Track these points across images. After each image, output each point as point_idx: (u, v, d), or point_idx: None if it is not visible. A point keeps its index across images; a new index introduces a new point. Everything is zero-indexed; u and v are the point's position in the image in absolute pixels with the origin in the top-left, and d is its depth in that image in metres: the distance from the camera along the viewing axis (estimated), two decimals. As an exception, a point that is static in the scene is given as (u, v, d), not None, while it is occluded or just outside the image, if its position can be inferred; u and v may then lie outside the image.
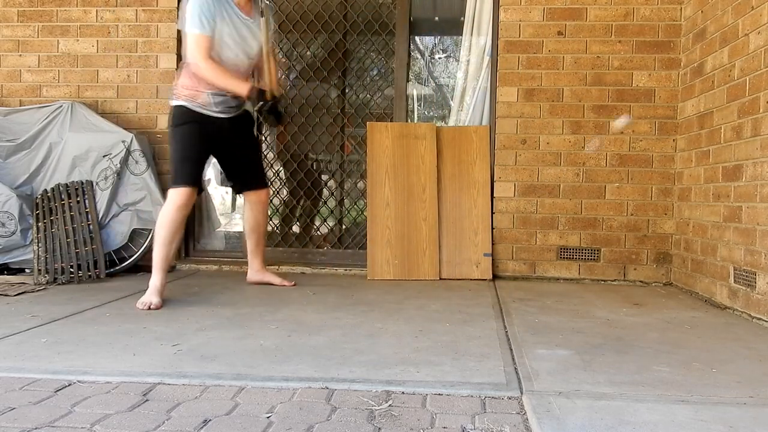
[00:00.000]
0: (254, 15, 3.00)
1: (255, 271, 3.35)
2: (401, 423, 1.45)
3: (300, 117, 4.15)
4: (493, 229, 3.76)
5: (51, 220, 3.46)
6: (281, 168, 4.19)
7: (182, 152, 2.92)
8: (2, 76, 4.07)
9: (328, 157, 4.17)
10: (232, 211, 4.95)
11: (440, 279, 3.63)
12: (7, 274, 3.55)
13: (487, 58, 3.93)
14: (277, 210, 4.17)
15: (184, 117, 2.92)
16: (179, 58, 3.99)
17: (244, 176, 3.21)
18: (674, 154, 3.68)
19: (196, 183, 2.94)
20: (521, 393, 1.67)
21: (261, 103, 2.89)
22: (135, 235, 3.68)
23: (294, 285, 3.32)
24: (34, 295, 3.03)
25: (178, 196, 2.85)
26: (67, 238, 3.44)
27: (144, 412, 1.50)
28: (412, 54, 4.21)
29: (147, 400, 1.58)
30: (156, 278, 2.82)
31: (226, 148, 3.08)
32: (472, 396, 1.64)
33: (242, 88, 2.88)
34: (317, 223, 4.15)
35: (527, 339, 2.27)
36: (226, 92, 2.93)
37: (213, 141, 3.00)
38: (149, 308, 2.68)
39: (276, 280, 3.33)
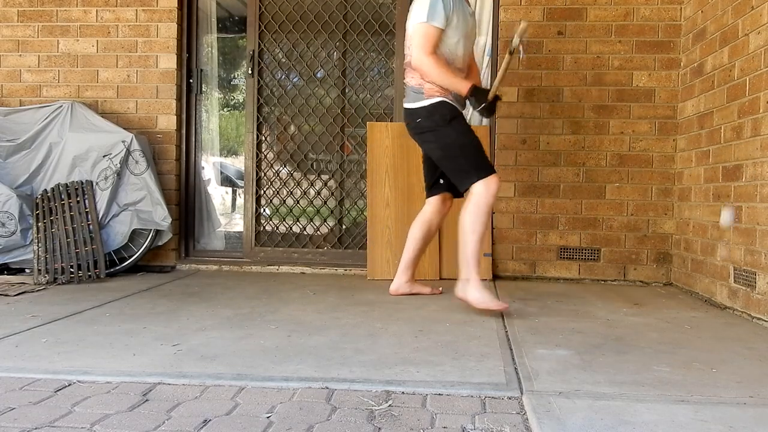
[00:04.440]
0: (472, 7, 2.86)
1: (405, 281, 3.09)
2: (401, 423, 1.45)
3: (300, 117, 4.15)
4: (493, 228, 3.76)
5: (51, 220, 3.46)
6: (281, 168, 4.19)
7: (471, 143, 2.78)
8: (2, 76, 4.06)
9: (328, 157, 4.17)
10: (232, 211, 4.95)
11: (440, 279, 3.63)
12: (7, 274, 3.55)
13: (487, 58, 3.93)
14: (278, 210, 4.17)
15: (451, 111, 2.79)
16: (179, 58, 4.00)
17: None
18: (674, 154, 3.68)
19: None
20: (521, 393, 1.67)
21: (483, 104, 2.74)
22: (135, 235, 3.68)
23: (441, 291, 3.16)
24: (34, 295, 3.03)
25: (494, 183, 2.70)
26: (67, 238, 3.44)
27: (144, 412, 1.50)
28: (412, 54, 4.20)
29: (147, 400, 1.58)
30: (478, 273, 2.68)
31: None
32: (472, 396, 1.64)
33: (463, 87, 2.73)
34: (317, 223, 4.15)
35: (527, 339, 2.27)
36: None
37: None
38: (503, 308, 2.56)
39: (426, 290, 3.13)
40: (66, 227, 3.46)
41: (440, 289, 3.22)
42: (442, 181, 3.02)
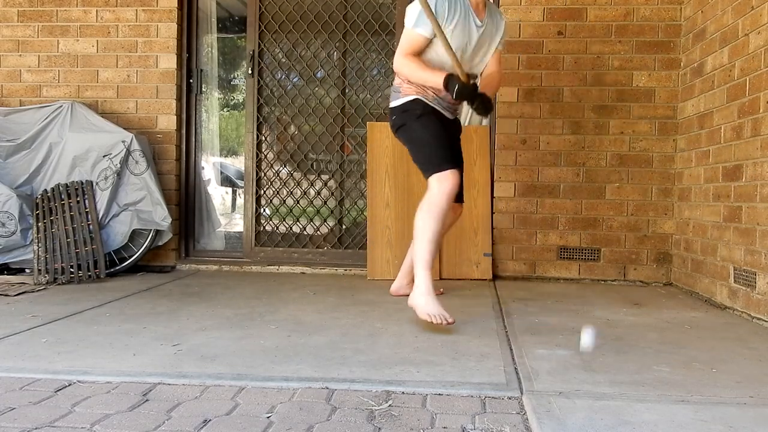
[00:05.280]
0: (486, 18, 2.71)
1: (407, 283, 3.01)
2: (401, 423, 1.45)
3: (300, 117, 4.15)
4: (493, 229, 3.76)
5: (51, 220, 3.46)
6: (281, 168, 4.19)
7: (432, 138, 2.66)
8: (2, 76, 4.07)
9: (328, 157, 4.17)
10: (232, 211, 4.95)
11: (440, 279, 3.63)
12: (7, 274, 3.55)
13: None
14: (278, 210, 4.17)
15: (422, 108, 2.69)
16: (179, 58, 4.00)
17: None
18: (674, 154, 3.68)
19: (457, 164, 2.67)
20: (521, 393, 1.67)
21: (463, 91, 2.53)
22: (135, 235, 3.68)
23: (441, 292, 3.10)
24: (34, 295, 3.03)
25: (447, 180, 2.54)
26: (67, 238, 3.44)
27: (144, 412, 1.50)
28: (412, 54, 4.20)
29: (147, 400, 1.58)
30: (427, 278, 2.50)
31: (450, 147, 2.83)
32: (472, 396, 1.64)
33: (438, 77, 2.55)
34: (317, 223, 4.15)
35: (527, 339, 2.27)
36: (432, 90, 2.67)
37: (447, 132, 2.76)
38: (445, 323, 2.35)
39: None
40: (66, 227, 3.47)
41: (441, 289, 3.20)
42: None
